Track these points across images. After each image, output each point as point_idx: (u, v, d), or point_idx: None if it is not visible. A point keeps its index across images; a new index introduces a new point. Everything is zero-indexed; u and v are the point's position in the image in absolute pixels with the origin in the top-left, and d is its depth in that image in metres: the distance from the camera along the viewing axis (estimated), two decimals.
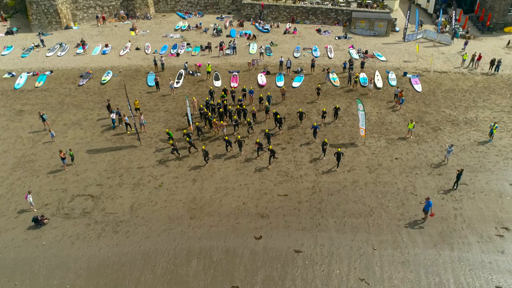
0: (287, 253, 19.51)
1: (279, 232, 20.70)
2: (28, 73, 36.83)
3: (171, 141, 26.37)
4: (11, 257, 19.16)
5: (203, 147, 25.31)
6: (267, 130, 27.20)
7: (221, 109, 29.51)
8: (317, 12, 50.64)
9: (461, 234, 20.68)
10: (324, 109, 29.89)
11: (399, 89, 33.22)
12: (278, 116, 28.42)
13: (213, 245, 19.90)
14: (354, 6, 51.01)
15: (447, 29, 48.01)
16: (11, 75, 36.60)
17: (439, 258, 19.31)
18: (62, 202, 22.57)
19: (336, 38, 46.28)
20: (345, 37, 46.26)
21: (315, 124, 28.33)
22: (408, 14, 46.43)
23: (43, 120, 29.25)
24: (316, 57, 40.60)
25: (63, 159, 24.62)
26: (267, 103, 31.07)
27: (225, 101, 30.72)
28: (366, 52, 41.95)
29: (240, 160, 25.93)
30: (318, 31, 48.19)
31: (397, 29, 48.76)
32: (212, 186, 23.82)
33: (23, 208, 22.02)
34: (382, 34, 47.39)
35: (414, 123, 28.36)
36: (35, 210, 21.66)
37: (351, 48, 42.99)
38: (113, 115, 29.17)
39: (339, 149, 24.79)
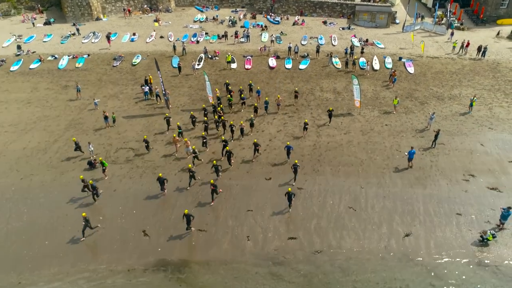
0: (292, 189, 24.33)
1: (285, 175, 25.52)
2: (68, 56, 42.24)
3: (91, 181, 23.59)
4: (75, 187, 24.29)
5: (84, 214, 20.69)
6: (214, 161, 25.09)
7: (222, 117, 29.97)
8: (323, 6, 55.35)
9: (434, 179, 25.31)
10: (306, 121, 29.55)
11: (393, 69, 37.87)
12: (227, 148, 26.17)
13: (232, 184, 24.83)
14: (358, 0, 55.60)
15: (443, 21, 52.32)
16: (54, 57, 42.05)
17: (413, 194, 23.98)
18: (109, 153, 27.74)
19: (341, 29, 50.96)
20: (349, 28, 50.91)
21: (288, 143, 26.80)
22: (407, 8, 50.90)
23: (78, 91, 34.69)
24: (321, 44, 45.35)
25: (106, 118, 29.92)
26: (252, 116, 30.76)
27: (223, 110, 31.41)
28: (367, 40, 46.56)
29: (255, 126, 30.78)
30: (324, 23, 52.90)
31: (397, 21, 53.18)
32: (230, 144, 28.67)
33: (78, 155, 27.25)
34: (383, 26, 51.90)
35: (398, 99, 32.91)
36: (94, 156, 26.78)
37: (353, 37, 47.63)
38: (146, 88, 34.36)
39: (290, 189, 22.43)
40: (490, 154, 27.71)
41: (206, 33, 48.79)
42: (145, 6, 56.38)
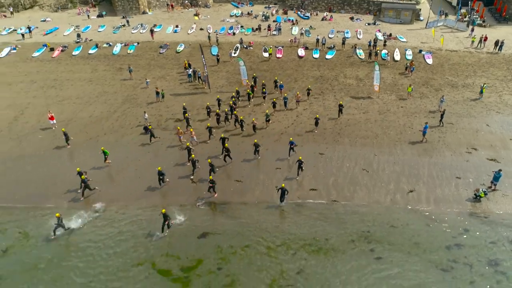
0: (314, 154, 28.55)
1: (309, 144, 29.77)
2: (121, 43, 47.92)
3: (83, 177, 24.17)
4: (133, 147, 29.40)
5: (57, 214, 21.44)
6: (209, 160, 26.00)
7: (235, 111, 32.41)
8: (351, 3, 59.10)
9: (440, 150, 28.96)
10: (317, 116, 31.29)
11: (410, 60, 41.38)
12: (226, 145, 27.68)
13: (263, 148, 29.22)
14: None
15: (466, 18, 55.03)
16: (108, 45, 47.81)
17: (420, 162, 27.72)
18: (160, 122, 32.80)
19: (366, 24, 54.56)
20: (374, 24, 54.47)
21: (291, 139, 28.33)
22: (430, 5, 53.93)
23: (130, 71, 40.05)
24: (347, 38, 49.19)
25: (157, 93, 35.13)
26: (267, 111, 32.47)
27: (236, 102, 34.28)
28: (390, 34, 50.04)
29: (281, 105, 35.06)
30: (351, 18, 56.67)
31: (421, 18, 56.26)
32: (262, 118, 33.05)
33: (134, 123, 32.45)
34: (407, 22, 55.15)
35: (412, 87, 36.52)
36: (149, 123, 31.76)
37: (378, 32, 51.21)
38: (190, 71, 39.41)
39: (283, 185, 23.61)
40: (494, 133, 31.02)
41: (242, 26, 53.55)
42: (186, 1, 61.80)
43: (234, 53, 45.52)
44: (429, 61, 43.36)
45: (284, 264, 19.93)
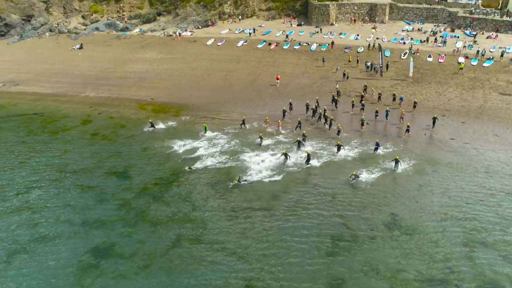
0: (457, 122, 39.71)
1: (454, 116, 40.79)
2: (316, 43, 65.35)
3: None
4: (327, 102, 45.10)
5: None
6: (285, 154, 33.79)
7: (326, 113, 40.16)
8: None
9: None
10: (435, 116, 38.39)
11: None
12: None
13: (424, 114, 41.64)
14: None
15: None
16: (307, 44, 65.72)
17: None
18: (345, 92, 47.77)
19: None
20: None
21: (377, 140, 35.23)
22: None
23: (323, 61, 56.50)
24: (508, 52, 56.94)
25: (344, 74, 50.88)
26: (363, 117, 39.49)
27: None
28: None
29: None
30: None
31: None
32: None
33: (327, 91, 48.40)
34: None
35: None
36: (337, 86, 47.40)
37: None
38: (368, 63, 54.05)
39: (397, 157, 32.22)
40: None
41: (411, 38, 65.77)
42: (366, 17, 76.70)
43: (403, 56, 58.30)
44: None
45: (425, 166, 32.68)
